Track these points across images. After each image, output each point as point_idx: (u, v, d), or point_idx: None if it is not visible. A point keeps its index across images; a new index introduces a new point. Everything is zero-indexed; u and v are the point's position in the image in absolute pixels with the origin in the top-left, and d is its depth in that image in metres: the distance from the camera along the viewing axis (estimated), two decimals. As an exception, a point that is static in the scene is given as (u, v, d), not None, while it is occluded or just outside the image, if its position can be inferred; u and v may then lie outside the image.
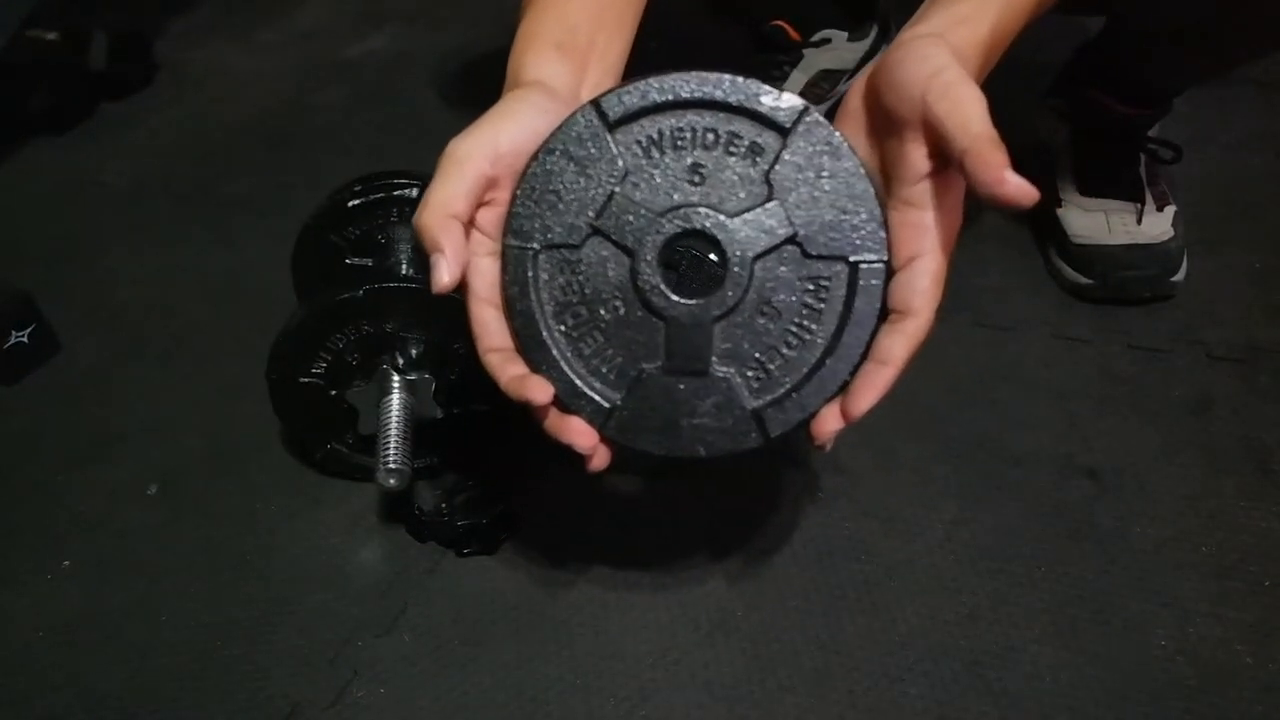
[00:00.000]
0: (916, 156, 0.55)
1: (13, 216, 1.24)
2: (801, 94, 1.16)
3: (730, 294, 0.57)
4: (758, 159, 0.57)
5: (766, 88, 0.56)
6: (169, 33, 1.59)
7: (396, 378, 0.79)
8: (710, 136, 0.57)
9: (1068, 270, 0.97)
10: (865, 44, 1.19)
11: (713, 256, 0.58)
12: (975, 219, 1.08)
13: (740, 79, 0.56)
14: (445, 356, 0.80)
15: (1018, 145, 1.14)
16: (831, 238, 0.56)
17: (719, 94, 0.56)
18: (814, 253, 0.57)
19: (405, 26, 1.57)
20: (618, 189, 0.58)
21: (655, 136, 0.57)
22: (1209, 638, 0.71)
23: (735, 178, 0.57)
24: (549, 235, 0.58)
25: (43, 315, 1.01)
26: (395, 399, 0.79)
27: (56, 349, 1.02)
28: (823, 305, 0.57)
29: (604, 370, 0.59)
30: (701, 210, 0.57)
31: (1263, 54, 0.90)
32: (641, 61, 0.66)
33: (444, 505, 0.81)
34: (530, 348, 0.59)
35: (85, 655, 0.76)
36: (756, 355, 0.58)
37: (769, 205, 0.56)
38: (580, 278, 0.59)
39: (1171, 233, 0.95)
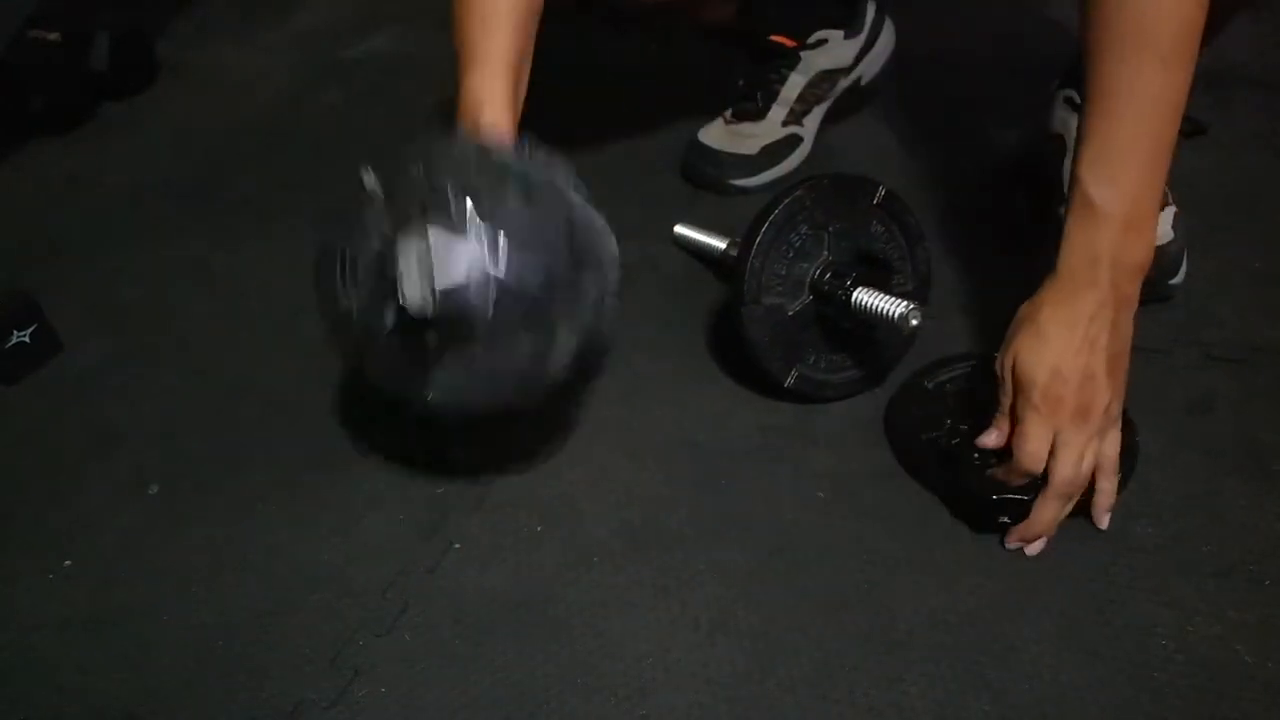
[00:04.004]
0: None
1: (13, 216, 1.25)
2: (801, 96, 1.17)
3: None
4: None
5: None
6: (170, 33, 1.59)
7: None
8: None
9: None
10: (861, 37, 1.19)
11: None
12: (975, 216, 1.08)
13: None
14: None
15: (1028, 139, 1.14)
16: None
17: None
18: None
19: (405, 26, 1.57)
20: None
21: None
22: (1209, 638, 0.71)
23: None
24: None
25: (44, 315, 1.01)
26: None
27: (58, 349, 1.02)
28: None
29: None
30: None
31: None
32: (644, 66, 0.66)
33: None
34: None
35: (85, 655, 0.76)
36: None
37: None
38: None
39: (1171, 235, 0.95)
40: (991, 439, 0.78)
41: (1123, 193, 0.73)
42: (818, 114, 1.19)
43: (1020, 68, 1.27)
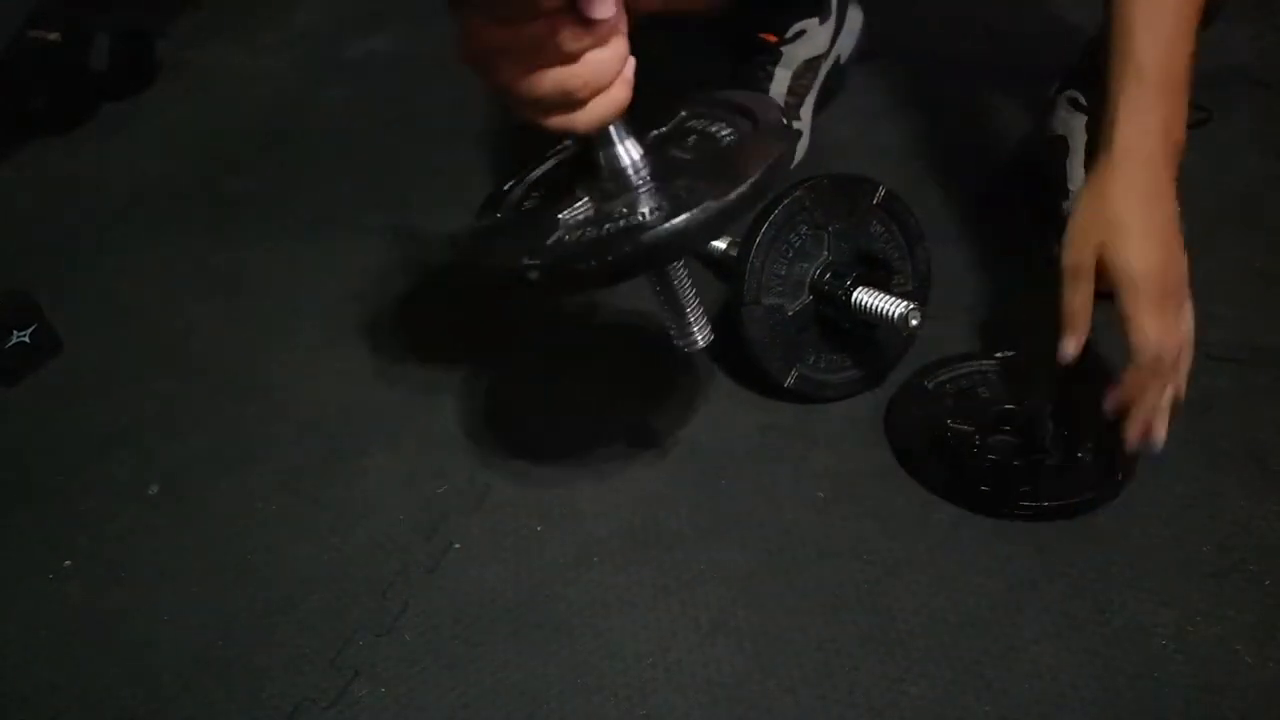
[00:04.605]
0: None
1: (13, 216, 1.25)
2: (790, 89, 1.18)
3: None
4: None
5: None
6: (170, 33, 1.59)
7: None
8: None
9: None
10: (831, 20, 1.20)
11: None
12: (975, 216, 1.08)
13: None
14: None
15: (1028, 139, 1.13)
16: None
17: None
18: None
19: (405, 26, 1.57)
20: None
21: None
22: (1209, 638, 0.71)
23: None
24: None
25: (44, 315, 1.01)
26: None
27: (58, 349, 1.02)
28: None
29: None
30: None
31: None
32: (644, 67, 0.66)
33: None
34: None
35: (85, 655, 0.76)
36: None
37: None
38: None
39: (1172, 233, 0.95)
40: (1073, 345, 0.77)
41: (1171, 59, 0.75)
42: (810, 103, 1.20)
43: (1020, 68, 1.27)
